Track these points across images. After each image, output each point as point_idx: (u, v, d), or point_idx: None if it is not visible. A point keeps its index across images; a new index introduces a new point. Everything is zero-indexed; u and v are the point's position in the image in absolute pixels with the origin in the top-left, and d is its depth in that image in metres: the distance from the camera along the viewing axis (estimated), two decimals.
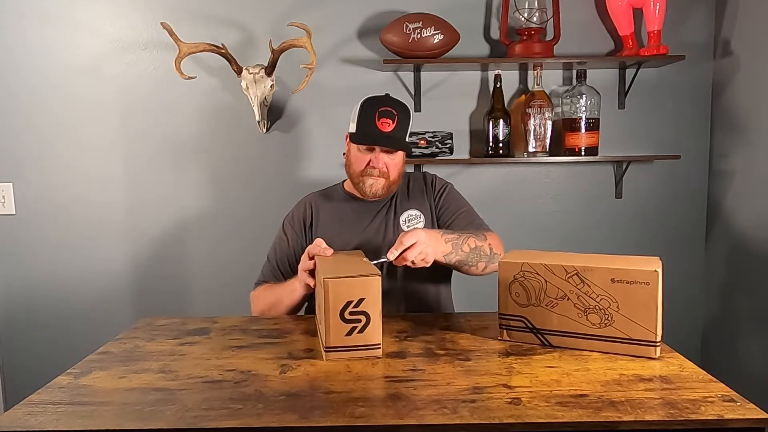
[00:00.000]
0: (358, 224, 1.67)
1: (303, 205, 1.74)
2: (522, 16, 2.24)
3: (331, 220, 1.68)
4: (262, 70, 2.18)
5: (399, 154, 1.63)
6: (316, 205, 1.72)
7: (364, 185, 1.63)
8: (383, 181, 1.62)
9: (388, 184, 1.64)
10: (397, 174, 1.65)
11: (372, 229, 1.66)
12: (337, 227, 1.67)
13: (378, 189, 1.63)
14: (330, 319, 1.13)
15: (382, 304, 1.58)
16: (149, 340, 1.33)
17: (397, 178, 1.65)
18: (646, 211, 2.43)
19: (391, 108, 1.60)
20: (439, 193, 1.72)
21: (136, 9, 2.31)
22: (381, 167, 1.60)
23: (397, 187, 1.69)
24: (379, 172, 1.61)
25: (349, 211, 1.69)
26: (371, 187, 1.62)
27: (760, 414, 0.90)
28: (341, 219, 1.68)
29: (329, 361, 1.15)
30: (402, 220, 1.66)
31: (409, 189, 1.73)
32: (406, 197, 1.71)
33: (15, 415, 0.95)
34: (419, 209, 1.68)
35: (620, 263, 1.17)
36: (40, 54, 2.30)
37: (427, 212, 1.68)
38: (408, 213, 1.67)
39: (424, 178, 1.76)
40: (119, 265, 2.40)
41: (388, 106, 1.60)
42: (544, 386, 1.02)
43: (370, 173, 1.61)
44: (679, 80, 2.37)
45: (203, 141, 2.37)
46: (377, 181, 1.62)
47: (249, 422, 0.90)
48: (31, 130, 2.33)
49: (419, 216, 1.67)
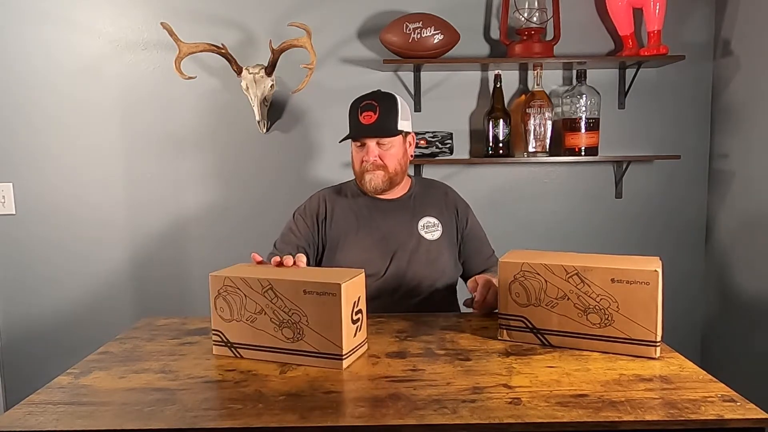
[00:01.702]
0: (373, 221, 1.67)
1: (317, 200, 1.74)
2: (522, 16, 2.24)
3: (346, 215, 1.69)
4: (262, 70, 2.18)
5: (393, 143, 1.63)
6: (330, 200, 1.72)
7: (365, 181, 1.64)
8: (381, 173, 1.62)
9: (389, 176, 1.63)
10: (396, 164, 1.64)
11: (387, 227, 1.66)
12: (353, 222, 1.67)
13: (378, 183, 1.63)
14: (343, 322, 1.12)
15: (389, 305, 1.60)
16: (149, 340, 1.33)
17: (397, 169, 1.65)
18: (646, 211, 2.43)
19: (371, 100, 1.61)
20: (463, 215, 1.76)
21: (136, 9, 2.30)
22: (374, 159, 1.61)
23: (401, 180, 1.69)
24: (374, 164, 1.61)
25: (364, 207, 1.69)
26: (371, 182, 1.63)
27: (760, 414, 0.90)
28: (357, 215, 1.68)
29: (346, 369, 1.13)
30: (421, 225, 1.67)
31: (428, 195, 1.75)
32: (425, 203, 1.72)
33: (15, 415, 0.95)
34: (438, 218, 1.70)
35: (620, 263, 1.17)
36: (41, 54, 2.30)
37: (446, 224, 1.70)
38: (427, 219, 1.69)
39: (446, 193, 1.78)
40: (119, 265, 2.40)
41: (368, 99, 1.62)
42: (544, 386, 1.02)
43: (366, 168, 1.62)
44: (679, 80, 2.37)
45: (203, 141, 2.37)
46: (375, 175, 1.62)
47: (249, 422, 0.90)
48: (31, 130, 2.33)
49: (437, 225, 1.69)
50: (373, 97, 1.64)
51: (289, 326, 1.14)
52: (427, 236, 1.66)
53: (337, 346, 1.11)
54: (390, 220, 1.67)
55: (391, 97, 1.65)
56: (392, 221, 1.67)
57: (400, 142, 1.65)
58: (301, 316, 1.13)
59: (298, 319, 1.13)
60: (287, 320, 1.14)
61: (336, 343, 1.11)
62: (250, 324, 1.18)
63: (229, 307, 1.19)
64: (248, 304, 1.17)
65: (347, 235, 1.65)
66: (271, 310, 1.15)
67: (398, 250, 1.63)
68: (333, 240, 1.67)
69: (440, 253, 1.67)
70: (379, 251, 1.63)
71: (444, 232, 1.69)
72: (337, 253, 1.65)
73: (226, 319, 1.20)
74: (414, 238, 1.65)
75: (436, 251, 1.66)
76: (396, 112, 1.63)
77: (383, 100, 1.62)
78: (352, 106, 1.65)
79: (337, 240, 1.66)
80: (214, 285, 1.20)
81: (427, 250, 1.65)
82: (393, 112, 1.62)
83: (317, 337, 1.12)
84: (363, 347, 1.21)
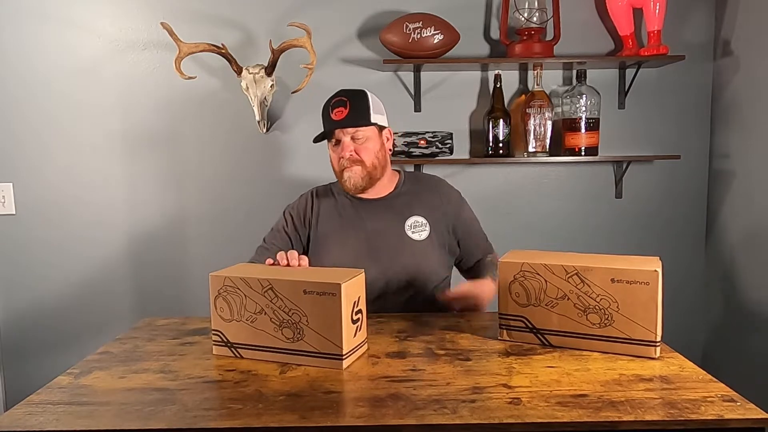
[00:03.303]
0: (358, 221, 1.65)
1: (305, 198, 1.74)
2: (522, 16, 2.24)
3: (331, 214, 1.68)
4: (262, 70, 2.18)
5: (368, 135, 1.59)
6: (317, 198, 1.72)
7: (344, 180, 1.61)
8: (359, 169, 1.59)
9: (367, 171, 1.60)
10: (374, 158, 1.60)
11: (373, 227, 1.64)
12: (336, 221, 1.66)
13: (357, 180, 1.59)
14: (343, 322, 1.12)
15: (384, 304, 1.60)
16: (149, 340, 1.33)
17: (375, 163, 1.61)
18: (646, 211, 2.43)
19: (341, 97, 1.59)
20: (456, 208, 1.71)
21: (136, 9, 2.31)
22: (350, 154, 1.57)
23: (381, 174, 1.64)
24: (350, 159, 1.58)
25: (349, 207, 1.67)
26: (350, 180, 1.60)
27: (760, 414, 0.90)
28: (341, 214, 1.67)
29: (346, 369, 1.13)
30: (408, 225, 1.63)
31: (417, 193, 1.70)
32: (413, 201, 1.68)
33: (15, 415, 0.95)
34: (426, 217, 1.65)
35: (620, 263, 1.17)
36: (41, 54, 2.30)
37: (435, 221, 1.65)
38: (414, 219, 1.64)
39: (436, 186, 1.73)
40: (119, 265, 2.40)
41: (338, 96, 1.60)
42: (544, 386, 1.02)
43: (344, 165, 1.59)
44: (679, 80, 2.37)
45: (203, 141, 2.37)
46: (353, 171, 1.59)
47: (249, 422, 0.90)
48: (31, 131, 2.33)
49: (425, 225, 1.64)
50: (343, 94, 1.61)
51: (289, 326, 1.14)
52: (413, 236, 1.62)
53: (337, 346, 1.11)
54: (375, 220, 1.64)
55: (361, 92, 1.62)
56: (377, 221, 1.64)
57: (375, 135, 1.61)
58: (301, 316, 1.13)
59: (298, 319, 1.13)
60: (287, 320, 1.14)
61: (336, 343, 1.11)
62: (250, 324, 1.18)
63: (229, 307, 1.19)
64: (248, 304, 1.17)
65: (331, 235, 1.63)
66: (271, 310, 1.15)
67: (382, 251, 1.60)
68: (317, 239, 1.66)
69: (427, 254, 1.62)
70: (362, 252, 1.60)
71: (432, 231, 1.64)
72: (320, 252, 1.63)
73: (226, 319, 1.20)
74: (400, 238, 1.62)
75: (422, 252, 1.62)
76: (367, 105, 1.60)
77: (353, 96, 1.60)
78: (324, 108, 1.62)
79: (321, 240, 1.65)
80: (214, 285, 1.20)
81: (413, 251, 1.61)
82: (364, 104, 1.59)
83: (317, 337, 1.12)
84: (363, 347, 1.21)
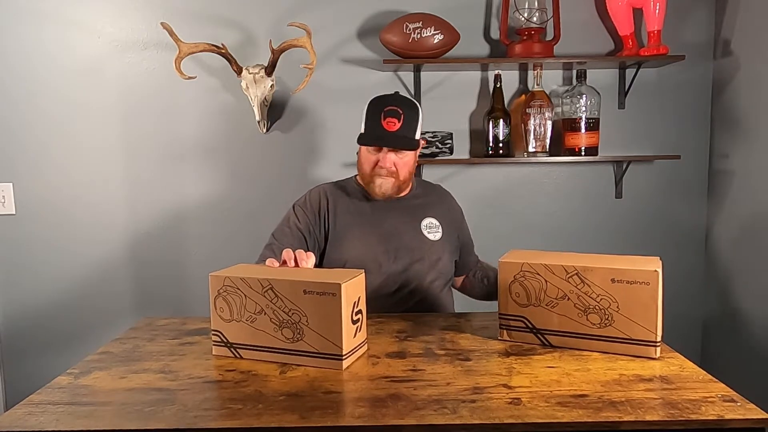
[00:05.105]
0: (377, 219, 1.67)
1: (318, 194, 1.71)
2: (522, 16, 2.24)
3: (349, 212, 1.68)
4: (262, 70, 2.18)
5: (408, 153, 1.62)
6: (333, 195, 1.71)
7: (373, 185, 1.62)
8: (392, 180, 1.61)
9: (398, 183, 1.63)
10: (408, 173, 1.64)
11: (390, 226, 1.66)
12: (356, 219, 1.66)
13: (387, 189, 1.62)
14: (343, 322, 1.12)
15: (384, 304, 1.60)
16: (149, 340, 1.33)
17: (407, 177, 1.65)
18: (646, 211, 2.43)
19: (397, 107, 1.58)
20: (461, 220, 1.81)
21: (136, 9, 2.30)
22: (389, 167, 1.59)
23: (408, 187, 1.70)
24: (388, 171, 1.60)
25: (367, 205, 1.69)
26: (380, 187, 1.62)
27: (760, 414, 0.90)
28: (360, 212, 1.68)
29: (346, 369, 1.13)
30: (424, 225, 1.68)
31: (429, 198, 1.75)
32: (427, 204, 1.73)
33: (15, 415, 0.95)
34: (439, 220, 1.71)
35: (620, 263, 1.17)
36: (40, 54, 2.30)
37: (447, 225, 1.72)
38: (429, 220, 1.69)
39: (444, 196, 1.81)
40: (119, 266, 2.40)
41: (393, 105, 1.58)
42: (544, 386, 1.02)
43: (378, 173, 1.60)
44: (679, 80, 2.37)
45: (203, 141, 2.37)
46: (386, 181, 1.61)
47: (249, 422, 0.90)
48: (31, 131, 2.33)
49: (438, 227, 1.70)
50: (399, 103, 1.59)
51: (289, 326, 1.14)
52: (429, 236, 1.67)
53: (337, 346, 1.11)
54: (393, 218, 1.67)
55: (415, 106, 1.62)
56: (396, 220, 1.67)
57: (413, 153, 1.65)
58: (301, 316, 1.13)
59: (298, 319, 1.13)
60: (287, 320, 1.14)
61: (336, 344, 1.11)
62: (249, 324, 1.18)
63: (229, 307, 1.19)
64: (248, 304, 1.17)
65: (352, 230, 1.64)
66: (271, 310, 1.15)
67: (402, 248, 1.63)
68: (336, 235, 1.66)
69: (441, 253, 1.67)
70: (382, 248, 1.63)
71: (444, 234, 1.69)
72: (340, 248, 1.64)
73: (226, 319, 1.20)
74: (417, 237, 1.66)
75: (438, 252, 1.66)
76: (417, 123, 1.62)
77: (408, 109, 1.59)
78: (374, 107, 1.60)
79: (341, 235, 1.65)
80: (214, 285, 1.20)
81: (430, 250, 1.65)
82: (415, 122, 1.61)
83: (317, 337, 1.12)
84: (363, 347, 1.21)
